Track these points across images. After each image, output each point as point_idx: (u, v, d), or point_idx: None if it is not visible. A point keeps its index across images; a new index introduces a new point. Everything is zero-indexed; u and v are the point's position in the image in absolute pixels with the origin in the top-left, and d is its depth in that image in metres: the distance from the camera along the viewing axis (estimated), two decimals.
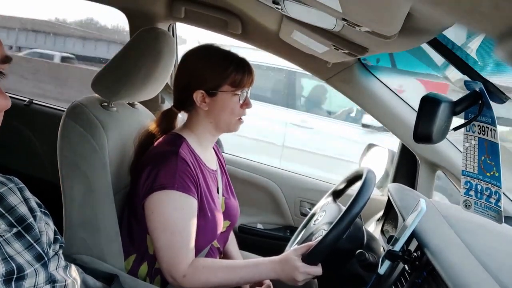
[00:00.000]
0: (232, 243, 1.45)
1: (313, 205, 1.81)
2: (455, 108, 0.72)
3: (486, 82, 0.71)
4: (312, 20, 0.83)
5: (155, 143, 1.23)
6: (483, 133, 0.70)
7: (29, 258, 0.75)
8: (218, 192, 1.30)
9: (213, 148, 1.35)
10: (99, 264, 1.17)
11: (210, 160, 1.29)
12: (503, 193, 1.41)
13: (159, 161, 1.14)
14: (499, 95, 0.71)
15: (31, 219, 0.79)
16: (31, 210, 0.80)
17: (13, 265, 0.72)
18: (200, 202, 1.17)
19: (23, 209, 0.79)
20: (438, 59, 1.20)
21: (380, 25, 0.57)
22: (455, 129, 0.75)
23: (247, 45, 1.70)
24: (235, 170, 1.87)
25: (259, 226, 1.91)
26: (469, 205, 0.76)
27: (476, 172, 0.73)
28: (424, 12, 0.48)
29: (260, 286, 1.34)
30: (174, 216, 1.12)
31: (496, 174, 0.69)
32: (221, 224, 1.25)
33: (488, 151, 0.70)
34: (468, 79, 0.75)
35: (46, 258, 0.78)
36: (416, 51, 1.17)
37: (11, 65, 0.69)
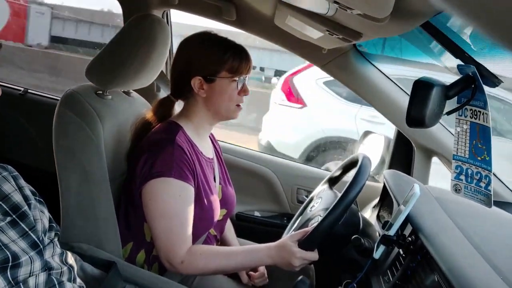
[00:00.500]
0: (229, 231, 1.46)
1: (309, 192, 1.81)
2: (448, 92, 0.72)
3: (479, 66, 0.71)
4: (305, 5, 0.83)
5: (152, 131, 1.23)
6: (475, 117, 0.71)
7: (24, 246, 0.75)
8: (214, 181, 1.30)
9: (209, 136, 1.35)
10: (97, 251, 1.18)
11: (206, 149, 1.29)
12: (498, 177, 1.43)
13: (156, 149, 1.14)
14: (492, 79, 0.71)
15: (25, 207, 0.79)
16: (25, 198, 0.81)
17: (8, 253, 0.72)
18: (197, 190, 1.17)
19: (17, 197, 0.79)
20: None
21: (371, 7, 0.56)
22: (448, 113, 0.75)
23: None
24: (231, 158, 1.87)
25: (256, 213, 1.91)
26: (459, 189, 0.76)
27: (467, 156, 0.73)
28: None
29: (255, 273, 1.36)
30: (172, 203, 1.12)
31: (487, 158, 0.69)
32: (218, 212, 1.26)
33: (480, 135, 0.70)
34: (462, 63, 0.75)
35: (41, 246, 0.78)
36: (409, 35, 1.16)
37: None
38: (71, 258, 0.88)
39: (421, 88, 0.71)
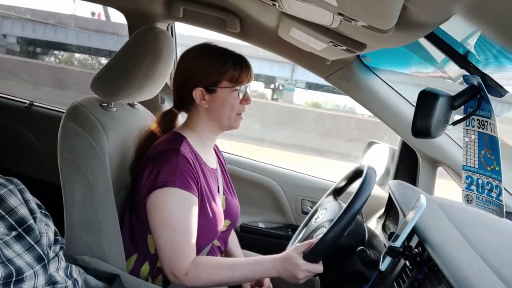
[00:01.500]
0: (234, 243, 1.45)
1: (314, 203, 1.81)
2: (454, 102, 0.72)
3: (484, 76, 0.71)
4: (309, 17, 0.83)
5: (156, 142, 1.23)
6: (483, 127, 0.70)
7: (29, 260, 0.75)
8: (218, 191, 1.30)
9: (213, 147, 1.35)
10: (100, 264, 1.17)
11: (210, 159, 1.29)
12: (504, 188, 1.42)
13: (160, 159, 1.14)
14: (497, 89, 0.70)
15: (31, 221, 0.79)
16: (31, 211, 0.80)
17: (12, 268, 0.72)
18: (200, 201, 1.17)
19: (23, 211, 0.79)
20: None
21: (375, 19, 0.56)
22: (454, 123, 0.75)
23: None
24: (235, 169, 1.87)
25: (261, 225, 1.91)
26: (471, 200, 0.76)
27: (476, 166, 0.72)
28: (419, 4, 0.48)
29: (261, 287, 1.35)
30: (176, 213, 1.12)
31: (497, 168, 0.69)
32: (222, 223, 1.25)
33: (488, 145, 0.70)
34: (467, 73, 0.75)
35: (46, 260, 0.78)
36: (413, 46, 1.17)
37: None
38: (76, 272, 0.87)
39: (427, 98, 0.71)
